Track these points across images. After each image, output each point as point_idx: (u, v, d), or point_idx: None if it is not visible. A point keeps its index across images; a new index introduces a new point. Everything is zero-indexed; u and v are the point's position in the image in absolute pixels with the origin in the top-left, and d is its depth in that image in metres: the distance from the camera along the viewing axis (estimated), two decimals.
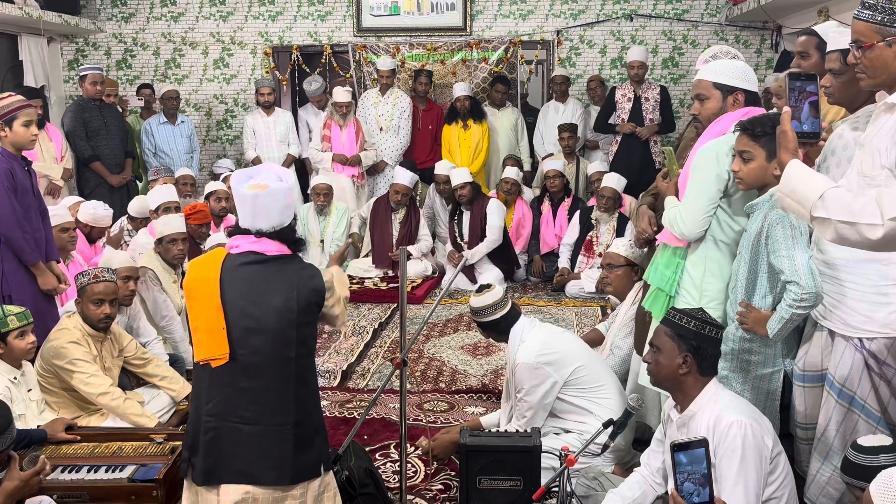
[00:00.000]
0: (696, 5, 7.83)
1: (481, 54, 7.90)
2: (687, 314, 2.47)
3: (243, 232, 2.31)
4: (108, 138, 6.65)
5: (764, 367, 2.71)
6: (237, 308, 2.24)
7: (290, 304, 2.25)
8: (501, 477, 2.88)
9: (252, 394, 2.24)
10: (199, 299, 2.28)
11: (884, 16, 2.07)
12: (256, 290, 2.25)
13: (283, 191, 2.29)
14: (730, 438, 2.29)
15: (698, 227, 2.86)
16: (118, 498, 2.71)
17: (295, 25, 8.13)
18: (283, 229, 2.31)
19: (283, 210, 2.29)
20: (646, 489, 2.64)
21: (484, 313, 3.30)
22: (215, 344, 2.23)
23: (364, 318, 5.74)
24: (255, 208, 2.27)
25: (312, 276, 2.33)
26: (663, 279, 3.03)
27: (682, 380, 2.44)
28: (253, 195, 2.25)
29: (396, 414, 3.88)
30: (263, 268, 2.27)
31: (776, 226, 2.55)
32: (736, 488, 2.25)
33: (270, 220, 2.28)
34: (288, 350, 2.26)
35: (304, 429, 2.30)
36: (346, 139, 7.13)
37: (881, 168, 2.14)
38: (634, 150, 6.88)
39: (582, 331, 4.94)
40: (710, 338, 2.44)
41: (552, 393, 3.18)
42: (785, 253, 2.52)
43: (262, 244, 2.29)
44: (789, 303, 2.49)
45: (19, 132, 3.57)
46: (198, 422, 2.29)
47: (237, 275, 2.26)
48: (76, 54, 8.23)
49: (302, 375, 2.31)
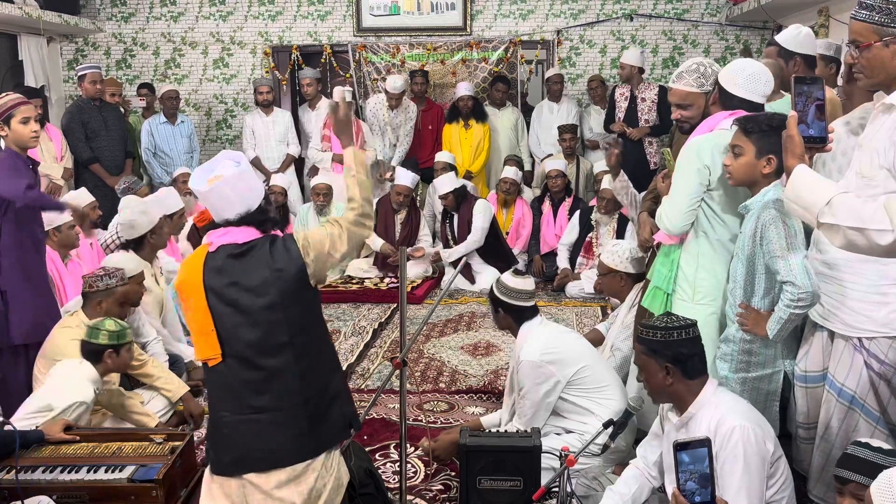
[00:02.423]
0: (696, 5, 7.83)
1: (481, 54, 7.90)
2: (651, 327, 2.44)
3: (215, 227, 2.29)
4: (108, 139, 6.62)
5: (764, 368, 2.72)
6: (222, 305, 2.23)
7: (269, 288, 2.22)
8: (501, 477, 2.88)
9: (256, 384, 2.25)
10: (188, 302, 2.28)
11: (881, 16, 2.07)
12: (236, 284, 2.23)
13: (239, 175, 2.23)
14: (732, 444, 2.27)
15: (681, 222, 2.90)
16: (118, 498, 2.71)
17: (295, 25, 8.13)
18: (251, 213, 2.26)
19: (244, 195, 2.25)
20: (642, 482, 2.65)
21: (515, 296, 3.28)
22: (208, 345, 2.24)
23: (364, 318, 5.75)
24: (216, 200, 2.24)
25: (284, 248, 2.26)
26: (660, 277, 3.09)
27: (672, 391, 2.42)
28: (209, 189, 2.21)
29: (396, 414, 3.88)
30: (239, 258, 2.24)
31: (769, 226, 2.57)
32: (739, 494, 2.25)
33: (234, 208, 2.24)
34: (280, 335, 2.24)
35: (316, 404, 2.30)
36: None
37: (879, 168, 2.14)
38: (629, 151, 6.87)
39: (582, 331, 4.94)
40: (682, 340, 2.39)
41: (554, 392, 3.18)
42: (780, 253, 2.53)
43: (231, 234, 2.26)
44: (786, 303, 2.50)
45: (17, 130, 3.54)
46: (215, 417, 2.32)
47: (217, 272, 2.25)
48: (76, 54, 8.23)
49: (304, 353, 2.28)
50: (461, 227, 6.53)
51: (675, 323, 2.42)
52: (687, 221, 2.90)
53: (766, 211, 2.60)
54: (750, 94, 2.89)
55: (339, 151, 7.04)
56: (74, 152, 6.51)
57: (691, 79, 3.03)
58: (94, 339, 3.23)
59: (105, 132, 6.60)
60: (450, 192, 6.42)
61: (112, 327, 3.26)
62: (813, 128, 2.09)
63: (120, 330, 3.27)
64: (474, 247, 6.43)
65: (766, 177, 2.65)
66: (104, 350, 3.23)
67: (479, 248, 6.47)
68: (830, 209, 1.92)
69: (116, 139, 6.70)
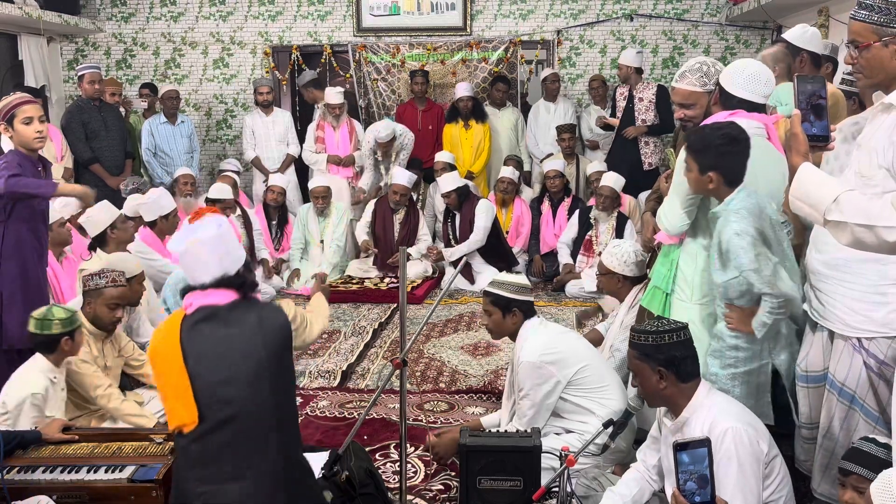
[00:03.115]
0: (696, 5, 7.83)
1: (481, 54, 7.90)
2: (642, 331, 2.45)
3: (192, 289, 2.20)
4: (108, 139, 6.62)
5: (751, 362, 2.75)
6: (201, 369, 2.13)
7: (255, 355, 2.15)
8: (501, 477, 2.87)
9: (231, 450, 2.14)
10: (162, 367, 2.17)
11: (881, 16, 2.07)
12: (218, 347, 2.14)
13: (219, 237, 2.16)
14: (725, 446, 2.27)
15: (679, 223, 2.93)
16: (118, 498, 2.70)
17: (295, 25, 8.14)
18: (228, 278, 2.18)
19: (222, 258, 2.16)
20: (643, 485, 2.66)
21: (521, 290, 3.28)
22: (185, 409, 2.13)
23: (364, 318, 5.75)
24: (191, 262, 2.16)
25: (273, 316, 2.22)
26: (660, 276, 3.10)
27: (667, 394, 2.43)
28: (185, 250, 2.15)
29: (396, 414, 3.88)
30: (220, 321, 2.15)
31: (733, 239, 2.62)
32: (735, 496, 2.25)
33: (210, 271, 2.16)
34: (261, 402, 2.16)
35: (290, 474, 2.22)
36: (340, 139, 7.14)
37: (878, 168, 2.15)
38: (627, 150, 6.89)
39: (582, 331, 4.94)
40: (674, 343, 2.40)
41: (555, 393, 3.17)
42: (750, 266, 2.60)
43: (210, 296, 2.17)
44: (768, 311, 2.59)
45: (20, 130, 3.52)
46: (184, 489, 2.18)
47: (195, 335, 2.14)
48: (76, 54, 8.23)
49: (281, 423, 2.21)
50: (463, 227, 6.54)
51: (666, 326, 2.42)
52: (684, 222, 2.91)
53: (726, 224, 2.66)
54: (749, 94, 2.90)
55: (333, 152, 7.08)
56: (74, 152, 6.51)
57: (694, 78, 3.03)
58: (47, 329, 3.16)
59: (105, 132, 6.59)
60: (452, 190, 6.43)
61: (62, 315, 3.20)
62: (816, 126, 2.09)
63: (69, 316, 3.21)
64: (476, 246, 6.44)
65: (713, 191, 2.72)
66: (60, 338, 3.18)
67: (480, 247, 6.48)
68: (838, 206, 1.91)
69: (116, 139, 6.69)
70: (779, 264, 2.66)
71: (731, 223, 2.64)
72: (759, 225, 2.64)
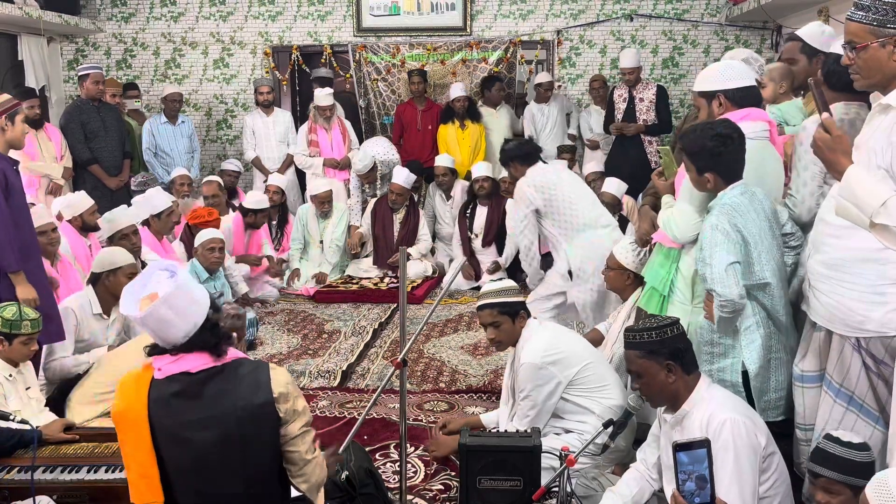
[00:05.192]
0: (696, 5, 7.83)
1: (481, 54, 7.90)
2: (643, 329, 2.47)
3: (161, 351, 2.02)
4: (107, 139, 6.61)
5: (725, 358, 2.78)
6: (171, 446, 2.00)
7: (229, 432, 1.99)
8: (501, 477, 2.87)
9: None
10: (128, 435, 2.02)
11: (877, 16, 2.07)
12: (189, 421, 1.99)
13: (177, 289, 1.95)
14: (723, 437, 2.29)
15: (690, 232, 2.93)
16: (118, 498, 2.70)
17: (295, 25, 8.13)
18: (199, 333, 1.99)
19: (186, 312, 1.97)
20: (643, 485, 2.66)
21: (517, 293, 3.28)
22: (148, 489, 2.01)
23: (364, 318, 5.75)
24: (155, 325, 1.96)
25: (255, 388, 2.02)
26: (657, 278, 3.09)
27: (674, 388, 2.45)
28: (146, 314, 1.94)
29: (396, 414, 3.88)
30: (192, 397, 1.99)
31: (707, 230, 2.68)
32: (732, 487, 2.26)
33: (179, 329, 1.97)
34: (234, 485, 2.03)
35: None
36: (333, 141, 7.13)
37: (877, 168, 2.15)
38: (628, 151, 6.89)
39: (582, 331, 4.94)
40: (676, 336, 2.45)
41: (556, 393, 3.17)
42: (708, 261, 2.65)
43: (182, 362, 1.99)
44: (717, 306, 2.66)
45: (18, 128, 3.59)
46: None
47: (165, 407, 1.99)
48: (76, 54, 8.23)
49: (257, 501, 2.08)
50: (489, 220, 6.58)
51: (663, 321, 2.48)
52: (696, 231, 2.88)
53: (709, 216, 2.71)
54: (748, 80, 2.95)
55: (328, 155, 7.07)
56: (73, 153, 6.50)
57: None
58: None
59: (104, 132, 6.59)
60: (490, 175, 6.52)
61: (8, 315, 3.11)
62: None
63: (14, 319, 3.10)
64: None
65: (713, 191, 2.78)
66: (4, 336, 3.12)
67: None
68: (886, 210, 1.91)
69: (115, 139, 6.69)
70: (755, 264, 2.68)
71: (712, 216, 2.69)
72: (740, 222, 2.66)
